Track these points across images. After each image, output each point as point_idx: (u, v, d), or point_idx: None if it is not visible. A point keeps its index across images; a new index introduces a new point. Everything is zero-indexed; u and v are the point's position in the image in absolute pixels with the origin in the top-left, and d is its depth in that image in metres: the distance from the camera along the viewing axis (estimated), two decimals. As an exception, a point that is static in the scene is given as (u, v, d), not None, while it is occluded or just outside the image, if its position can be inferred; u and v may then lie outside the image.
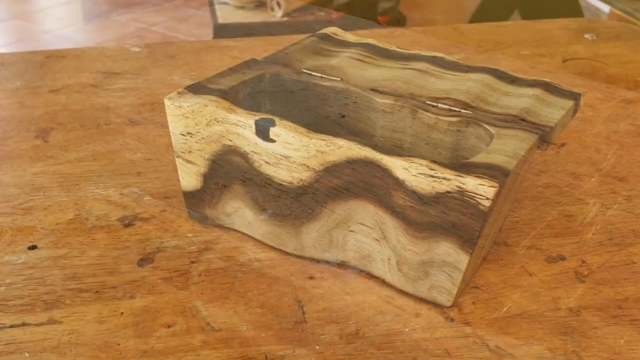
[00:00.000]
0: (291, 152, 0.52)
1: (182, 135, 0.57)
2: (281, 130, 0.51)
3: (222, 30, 2.20)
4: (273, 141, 0.52)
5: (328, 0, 2.32)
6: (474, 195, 0.46)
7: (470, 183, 0.46)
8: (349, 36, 0.72)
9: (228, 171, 0.57)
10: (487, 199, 0.45)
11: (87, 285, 0.53)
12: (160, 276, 0.54)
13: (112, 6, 3.50)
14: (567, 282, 0.54)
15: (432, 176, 0.47)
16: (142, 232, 0.60)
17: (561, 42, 1.03)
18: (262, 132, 0.52)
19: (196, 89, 0.58)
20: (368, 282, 0.54)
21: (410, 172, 0.47)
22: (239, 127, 0.54)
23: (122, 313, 0.51)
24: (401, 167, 0.48)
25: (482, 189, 0.45)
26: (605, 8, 3.42)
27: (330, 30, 0.73)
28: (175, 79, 0.89)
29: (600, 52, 1.00)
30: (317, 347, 0.48)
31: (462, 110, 0.57)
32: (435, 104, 0.58)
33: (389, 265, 0.53)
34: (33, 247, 0.57)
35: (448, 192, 0.47)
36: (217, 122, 0.55)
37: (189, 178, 0.59)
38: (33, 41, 2.99)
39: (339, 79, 0.62)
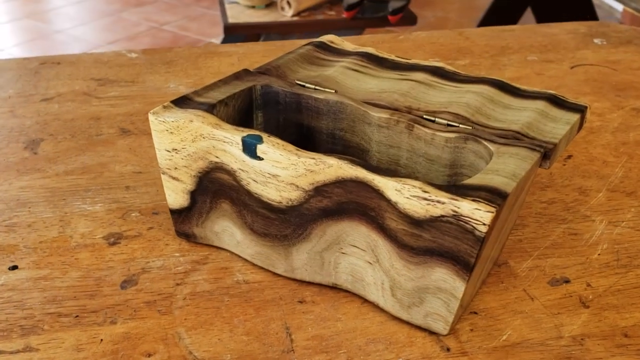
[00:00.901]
0: (279, 170, 0.49)
1: (168, 151, 0.54)
2: (269, 148, 0.49)
3: (233, 30, 2.18)
4: (261, 159, 0.50)
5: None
6: (469, 220, 0.43)
7: (466, 207, 0.43)
8: (347, 44, 0.70)
9: (215, 189, 0.54)
10: (484, 224, 0.43)
11: (67, 309, 0.51)
12: (144, 299, 0.52)
13: (123, 5, 3.50)
14: (570, 307, 0.51)
15: (426, 199, 0.44)
16: (127, 251, 0.57)
17: (569, 47, 1.00)
18: (250, 149, 0.50)
19: (182, 102, 0.55)
20: (361, 307, 0.51)
21: (403, 193, 0.45)
22: (226, 144, 0.51)
23: (101, 340, 0.48)
24: (393, 189, 0.45)
25: (478, 213, 0.43)
26: (619, 7, 3.38)
27: (327, 38, 0.70)
28: (171, 86, 0.87)
29: (610, 57, 0.96)
30: (304, 378, 0.45)
31: (460, 125, 0.54)
32: (432, 118, 0.55)
33: (383, 290, 0.50)
34: (14, 268, 0.55)
35: (442, 216, 0.44)
36: (203, 138, 0.52)
37: (175, 195, 0.56)
38: (45, 40, 2.99)
39: (333, 91, 0.59)
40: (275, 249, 0.53)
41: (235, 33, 2.23)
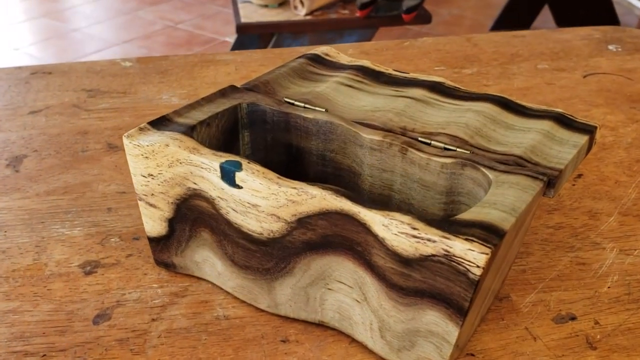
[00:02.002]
0: (259, 200, 0.45)
1: (143, 176, 0.51)
2: (248, 176, 0.45)
3: (245, 30, 2.15)
4: (240, 187, 0.46)
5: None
6: (462, 261, 0.39)
7: (458, 247, 0.39)
8: (342, 57, 0.66)
9: (195, 217, 0.51)
10: (478, 267, 0.39)
11: (35, 347, 0.48)
12: (116, 337, 0.48)
13: (139, 3, 3.49)
14: (576, 348, 0.47)
15: (415, 236, 0.40)
16: (103, 281, 0.54)
17: (582, 54, 0.95)
18: (228, 176, 0.46)
19: (160, 123, 0.52)
20: (349, 347, 0.48)
21: (391, 229, 0.41)
22: (204, 170, 0.48)
23: (67, 383, 0.45)
24: (380, 224, 0.41)
25: (471, 254, 0.39)
26: (639, 3, 3.30)
27: (322, 50, 0.66)
28: (164, 97, 0.83)
29: (625, 65, 0.92)
30: None
31: (457, 149, 0.50)
32: (428, 141, 0.51)
33: (371, 331, 0.46)
34: (-18, 299, 0.52)
35: (433, 255, 0.40)
36: (180, 163, 0.49)
37: (153, 223, 0.53)
38: (61, 39, 2.98)
39: (324, 110, 0.55)
40: (258, 283, 0.50)
41: (247, 32, 2.20)
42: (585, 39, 1.00)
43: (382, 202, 0.54)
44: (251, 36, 2.32)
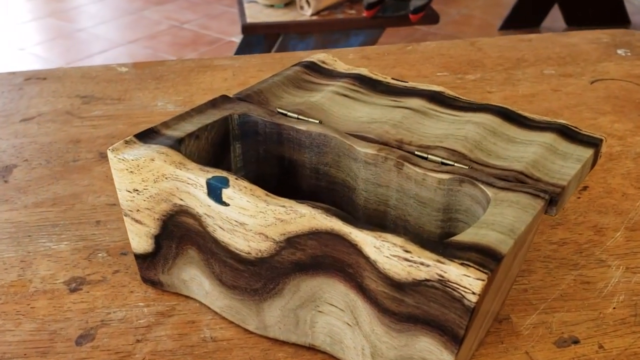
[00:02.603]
0: (247, 218, 0.43)
1: (129, 192, 0.49)
2: (235, 193, 0.43)
3: (251, 30, 2.13)
4: (226, 204, 0.44)
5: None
6: (457, 287, 0.37)
7: (453, 272, 0.37)
8: (339, 64, 0.64)
9: (181, 234, 0.49)
10: (474, 293, 0.36)
11: (14, 369, 0.46)
12: (99, 359, 0.46)
13: (145, 3, 3.48)
14: (580, 374, 0.45)
15: (408, 260, 0.38)
16: (88, 299, 0.52)
17: (590, 58, 0.93)
18: (215, 193, 0.44)
19: (147, 136, 0.50)
20: (340, 371, 0.46)
21: (382, 252, 0.39)
22: (190, 186, 0.46)
23: (45, 410, 0.43)
24: (372, 245, 0.39)
25: (467, 280, 0.37)
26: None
27: (319, 57, 0.64)
28: (159, 104, 0.81)
29: (634, 70, 0.89)
30: None
31: (455, 164, 0.48)
32: (425, 155, 0.49)
33: (363, 356, 0.44)
34: (-37, 318, 0.50)
35: (427, 280, 0.38)
36: (166, 178, 0.47)
37: (139, 239, 0.51)
38: (67, 39, 2.97)
39: (317, 122, 0.53)
40: (246, 304, 0.48)
41: (253, 33, 2.18)
42: (594, 42, 0.98)
43: (378, 217, 0.52)
44: (257, 36, 2.30)
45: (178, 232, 0.49)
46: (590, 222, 0.60)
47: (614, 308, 0.50)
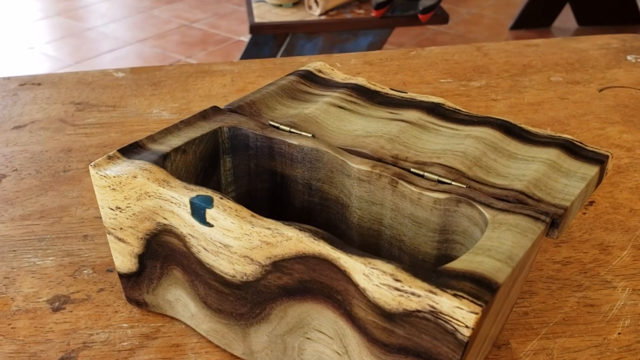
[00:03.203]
0: (231, 240, 0.41)
1: (111, 209, 0.47)
2: (219, 214, 0.41)
3: (259, 30, 2.11)
4: (211, 225, 0.42)
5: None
6: (450, 319, 0.35)
7: (446, 304, 0.35)
8: (337, 74, 0.61)
9: (166, 254, 0.47)
10: (467, 327, 0.34)
11: (-11, 395, 0.44)
12: (78, 385, 0.45)
13: (154, 2, 3.47)
14: (582, 406, 0.43)
15: (398, 289, 0.36)
16: (71, 319, 0.50)
17: (599, 65, 0.90)
18: (198, 213, 0.42)
19: (132, 151, 0.48)
20: (329, 400, 0.43)
21: (372, 280, 0.37)
22: (173, 205, 0.44)
23: None
24: (361, 272, 0.37)
25: (460, 313, 0.34)
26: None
27: (316, 66, 0.62)
28: (154, 112, 0.79)
29: (644, 77, 0.86)
30: None
31: (452, 183, 0.45)
32: (421, 172, 0.47)
33: (353, 386, 0.42)
34: (-60, 338, 0.48)
35: (418, 311, 0.36)
36: (149, 196, 0.45)
37: (123, 258, 0.49)
38: (76, 38, 2.97)
39: (310, 135, 0.51)
40: (232, 328, 0.45)
41: (261, 33, 2.17)
42: (603, 48, 0.95)
43: (372, 236, 0.50)
44: (266, 36, 2.28)
45: (162, 252, 0.47)
46: (596, 240, 0.57)
47: (619, 333, 0.48)
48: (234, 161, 0.53)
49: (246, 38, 2.93)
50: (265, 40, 2.32)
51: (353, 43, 2.31)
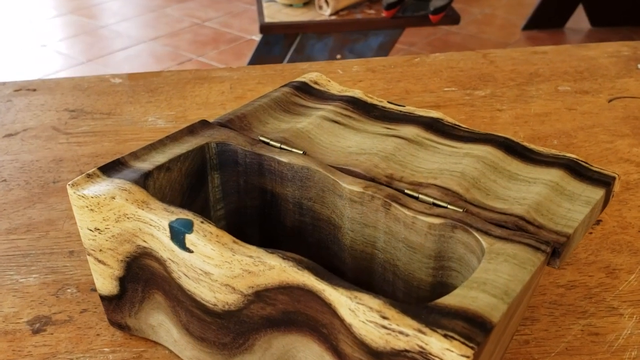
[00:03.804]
0: (212, 268, 0.39)
1: (90, 230, 0.45)
2: (199, 239, 0.39)
3: (269, 30, 2.09)
4: (191, 251, 0.40)
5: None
6: (439, 361, 0.32)
7: (435, 345, 0.32)
8: (333, 85, 0.59)
9: (147, 277, 0.45)
10: (457, 370, 0.32)
11: None
12: (53, 415, 0.43)
13: (166, 1, 3.46)
14: None
15: (385, 327, 0.33)
16: (51, 342, 0.48)
17: (609, 74, 0.87)
18: (178, 238, 0.40)
19: (113, 169, 0.46)
20: None
21: (358, 315, 0.34)
22: (153, 228, 0.41)
23: None
24: (347, 307, 0.35)
25: (450, 356, 0.32)
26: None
27: (311, 77, 0.60)
28: (149, 120, 0.77)
29: (656, 87, 0.83)
30: None
31: (448, 206, 0.43)
32: (416, 194, 0.44)
33: (339, 423, 0.39)
34: None
35: (406, 350, 0.33)
36: (128, 218, 0.42)
37: (103, 280, 0.47)
38: (89, 36, 2.96)
39: (301, 152, 0.49)
40: (215, 357, 0.43)
41: (271, 33, 2.15)
42: (613, 56, 0.92)
43: (365, 260, 0.47)
44: (276, 35, 2.27)
45: (143, 275, 0.45)
46: (602, 262, 0.54)
47: (625, 366, 0.45)
48: (223, 178, 0.51)
49: (257, 37, 2.91)
50: (276, 40, 2.30)
51: (363, 43, 2.29)
